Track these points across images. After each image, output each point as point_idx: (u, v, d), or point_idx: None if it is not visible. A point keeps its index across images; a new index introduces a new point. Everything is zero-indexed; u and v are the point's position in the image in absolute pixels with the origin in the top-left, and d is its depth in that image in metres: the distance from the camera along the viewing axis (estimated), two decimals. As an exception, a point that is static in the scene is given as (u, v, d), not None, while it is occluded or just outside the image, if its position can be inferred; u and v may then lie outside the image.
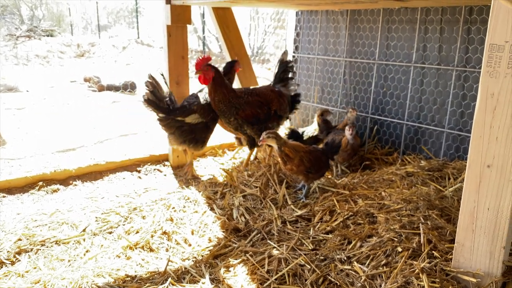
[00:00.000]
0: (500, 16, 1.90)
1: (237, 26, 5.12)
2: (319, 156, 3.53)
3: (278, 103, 4.28)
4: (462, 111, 4.02)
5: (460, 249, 2.26)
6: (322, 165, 3.54)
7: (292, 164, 3.41)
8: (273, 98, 4.26)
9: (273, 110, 4.25)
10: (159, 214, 3.30)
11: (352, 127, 4.06)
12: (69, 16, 21.37)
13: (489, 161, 2.05)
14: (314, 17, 5.23)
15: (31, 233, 3.05)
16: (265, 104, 4.20)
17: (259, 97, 4.18)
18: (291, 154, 3.39)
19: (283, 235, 2.99)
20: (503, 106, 1.96)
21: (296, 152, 3.40)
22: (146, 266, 2.72)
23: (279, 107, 4.29)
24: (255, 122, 4.14)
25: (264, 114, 4.18)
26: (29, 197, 3.87)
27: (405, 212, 2.91)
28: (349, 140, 4.07)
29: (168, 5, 4.27)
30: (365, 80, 4.79)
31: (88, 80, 10.49)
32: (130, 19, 23.68)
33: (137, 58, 15.32)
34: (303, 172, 3.44)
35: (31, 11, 19.09)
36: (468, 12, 3.85)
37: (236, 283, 2.51)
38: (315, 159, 3.47)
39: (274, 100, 4.26)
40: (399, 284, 2.23)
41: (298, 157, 3.39)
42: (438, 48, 4.12)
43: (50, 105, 7.86)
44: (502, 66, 1.94)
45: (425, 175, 3.77)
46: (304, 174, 3.45)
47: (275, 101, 4.27)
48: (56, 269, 2.68)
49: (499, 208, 2.07)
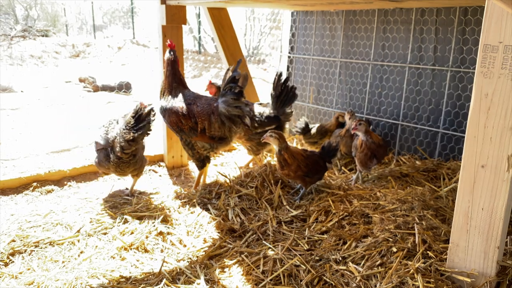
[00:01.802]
0: (494, 17, 1.90)
1: (232, 26, 5.11)
2: (316, 160, 3.53)
3: (207, 121, 3.56)
4: (457, 111, 4.04)
5: (454, 249, 2.26)
6: (319, 168, 3.53)
7: (289, 169, 3.40)
8: (201, 113, 3.57)
9: (200, 128, 3.58)
10: (154, 215, 3.29)
11: (363, 123, 3.64)
12: (64, 16, 21.28)
13: (483, 161, 2.06)
14: (310, 17, 5.23)
15: (25, 234, 3.03)
16: (192, 117, 3.58)
17: (193, 106, 3.61)
18: (289, 160, 3.38)
19: (279, 235, 2.99)
20: (497, 106, 1.97)
21: (294, 159, 3.39)
22: (141, 267, 2.71)
23: (208, 126, 3.57)
24: (181, 134, 3.70)
25: (189, 128, 3.59)
26: (23, 198, 3.84)
27: (400, 213, 2.91)
28: (363, 139, 3.67)
29: (163, 5, 4.25)
30: (360, 80, 4.80)
31: (83, 80, 10.45)
32: (126, 19, 23.61)
33: (132, 58, 15.28)
34: (301, 177, 3.43)
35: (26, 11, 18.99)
36: (462, 13, 3.86)
37: (231, 284, 2.51)
38: (312, 164, 3.47)
39: (201, 116, 3.57)
40: (394, 284, 2.24)
41: (296, 163, 3.39)
42: (433, 49, 4.13)
43: (45, 106, 7.82)
44: (496, 67, 1.94)
45: (420, 175, 3.78)
46: (301, 178, 3.45)
47: (202, 117, 3.57)
48: (50, 270, 2.66)
49: (493, 208, 2.07)
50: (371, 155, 3.67)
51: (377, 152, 3.67)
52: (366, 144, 3.66)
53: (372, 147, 3.65)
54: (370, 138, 3.66)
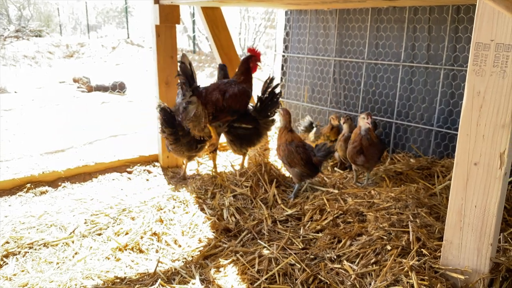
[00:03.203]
0: (485, 15, 1.91)
1: (226, 25, 5.10)
2: (307, 153, 3.54)
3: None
4: (451, 109, 4.06)
5: (448, 246, 2.27)
6: (309, 162, 3.54)
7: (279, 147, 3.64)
8: None
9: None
10: (148, 215, 3.28)
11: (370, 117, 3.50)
12: (57, 16, 21.17)
13: (476, 159, 2.07)
14: (304, 16, 5.24)
15: (19, 236, 3.02)
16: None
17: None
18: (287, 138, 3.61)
19: (274, 234, 2.99)
20: (489, 104, 1.98)
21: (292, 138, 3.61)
22: (135, 268, 2.70)
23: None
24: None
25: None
26: (16, 199, 3.82)
27: (394, 210, 2.92)
28: (361, 132, 3.56)
29: (156, 5, 4.24)
30: (354, 79, 4.81)
31: (77, 80, 10.41)
32: (120, 19, 23.53)
33: (126, 58, 15.23)
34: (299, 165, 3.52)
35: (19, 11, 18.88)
36: (455, 11, 3.88)
37: (226, 284, 2.50)
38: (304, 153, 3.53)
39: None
40: (388, 282, 2.24)
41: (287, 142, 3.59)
42: (426, 47, 4.14)
43: (39, 106, 7.78)
44: (488, 65, 1.95)
45: (414, 173, 3.80)
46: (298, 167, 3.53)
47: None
48: (44, 271, 2.65)
49: (486, 206, 2.08)
50: (359, 149, 3.56)
51: (366, 149, 3.55)
52: (362, 140, 3.55)
53: (364, 143, 3.54)
54: (368, 134, 3.55)
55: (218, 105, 3.85)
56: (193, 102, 3.81)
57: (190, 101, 3.81)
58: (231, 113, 3.96)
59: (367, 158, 3.59)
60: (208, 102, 3.85)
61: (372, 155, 3.61)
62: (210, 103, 3.85)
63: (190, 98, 3.78)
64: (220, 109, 3.87)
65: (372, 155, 3.61)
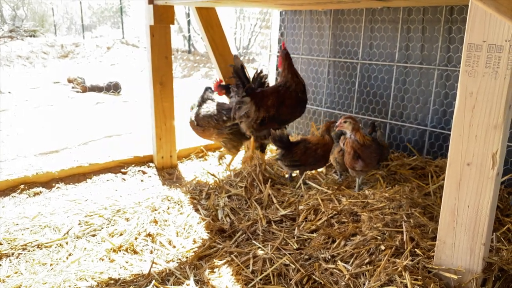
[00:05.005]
0: (477, 16, 1.93)
1: (221, 26, 5.09)
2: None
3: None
4: (444, 109, 4.07)
5: (441, 246, 2.28)
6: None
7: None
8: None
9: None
10: (143, 216, 3.27)
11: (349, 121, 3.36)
12: (52, 16, 21.07)
13: (468, 159, 2.08)
14: (298, 17, 5.24)
15: (12, 237, 3.00)
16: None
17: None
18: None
19: (268, 235, 2.99)
20: (482, 105, 1.99)
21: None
22: (130, 269, 2.69)
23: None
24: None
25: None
26: (10, 200, 3.80)
27: (388, 211, 2.93)
28: (348, 137, 3.46)
29: (150, 5, 4.23)
30: (349, 79, 4.82)
31: (72, 81, 10.37)
32: (115, 19, 23.46)
33: (121, 58, 15.19)
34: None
35: (13, 11, 18.79)
36: (449, 11, 3.90)
37: (221, 284, 2.51)
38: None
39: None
40: (382, 282, 2.25)
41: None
42: (420, 48, 4.16)
43: (33, 107, 7.75)
44: (480, 65, 1.96)
45: (408, 173, 3.81)
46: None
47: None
48: (38, 273, 2.64)
49: (479, 206, 2.10)
50: (354, 154, 3.40)
51: (361, 152, 3.37)
52: (349, 142, 3.42)
53: (355, 146, 3.38)
54: (354, 136, 3.38)
55: (270, 112, 3.82)
56: (245, 102, 3.85)
57: (242, 101, 3.86)
58: (279, 122, 3.95)
59: (366, 162, 3.41)
60: (263, 105, 3.84)
61: (370, 158, 3.42)
62: (265, 107, 3.83)
63: (243, 98, 3.83)
64: (271, 117, 3.84)
65: (370, 158, 3.42)
